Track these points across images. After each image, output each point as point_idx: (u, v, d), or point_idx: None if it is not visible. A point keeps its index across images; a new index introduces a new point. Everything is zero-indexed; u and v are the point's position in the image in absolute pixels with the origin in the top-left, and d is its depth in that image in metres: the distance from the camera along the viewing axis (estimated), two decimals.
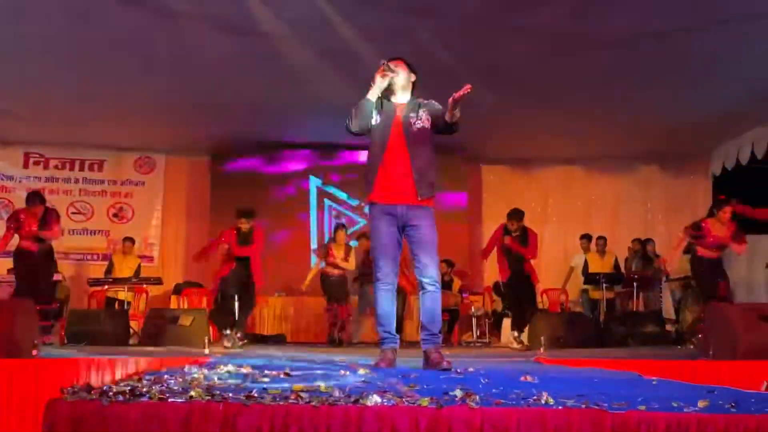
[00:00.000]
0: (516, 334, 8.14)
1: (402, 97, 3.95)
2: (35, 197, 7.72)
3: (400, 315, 8.40)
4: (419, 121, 3.81)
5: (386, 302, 3.86)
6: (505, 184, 11.79)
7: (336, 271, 9.10)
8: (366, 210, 10.73)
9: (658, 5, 6.35)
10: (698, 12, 6.41)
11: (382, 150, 3.81)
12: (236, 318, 7.88)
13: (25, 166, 10.96)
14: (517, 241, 8.03)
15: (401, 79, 3.92)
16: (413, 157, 3.76)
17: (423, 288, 3.81)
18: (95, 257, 10.92)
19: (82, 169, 11.14)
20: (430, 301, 3.79)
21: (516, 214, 8.09)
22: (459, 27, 6.85)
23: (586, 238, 10.44)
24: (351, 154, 11.00)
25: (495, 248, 8.33)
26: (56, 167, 11.07)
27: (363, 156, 5.83)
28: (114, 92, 8.55)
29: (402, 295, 8.39)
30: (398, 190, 3.76)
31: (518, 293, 8.14)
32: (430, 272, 3.78)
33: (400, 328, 8.62)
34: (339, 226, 9.46)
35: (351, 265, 9.17)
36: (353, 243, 9.79)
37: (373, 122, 3.87)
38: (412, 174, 3.75)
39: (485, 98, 8.61)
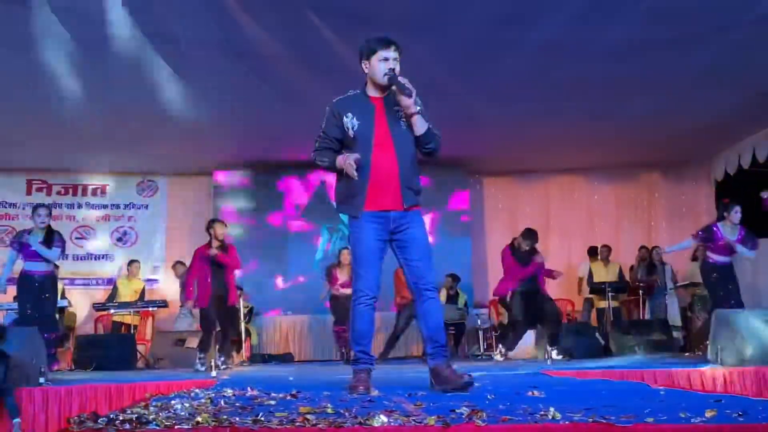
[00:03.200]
0: (501, 348, 8.18)
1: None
2: None
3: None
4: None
5: (365, 318, 3.38)
6: (507, 196, 11.79)
7: (345, 292, 8.56)
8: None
9: (656, 14, 6.36)
10: (697, 19, 6.43)
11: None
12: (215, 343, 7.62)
13: (28, 192, 10.99)
14: (524, 260, 7.99)
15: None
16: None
17: (422, 296, 3.37)
18: (100, 282, 10.93)
19: (84, 194, 11.19)
20: (433, 309, 3.36)
21: (532, 234, 8.07)
22: (457, 42, 6.87)
23: (593, 250, 10.39)
24: None
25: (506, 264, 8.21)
26: (59, 193, 11.10)
27: None
28: (114, 117, 8.59)
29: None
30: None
31: (533, 307, 7.97)
32: (429, 277, 3.40)
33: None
34: (344, 248, 9.03)
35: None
36: None
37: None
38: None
39: (485, 111, 8.66)
